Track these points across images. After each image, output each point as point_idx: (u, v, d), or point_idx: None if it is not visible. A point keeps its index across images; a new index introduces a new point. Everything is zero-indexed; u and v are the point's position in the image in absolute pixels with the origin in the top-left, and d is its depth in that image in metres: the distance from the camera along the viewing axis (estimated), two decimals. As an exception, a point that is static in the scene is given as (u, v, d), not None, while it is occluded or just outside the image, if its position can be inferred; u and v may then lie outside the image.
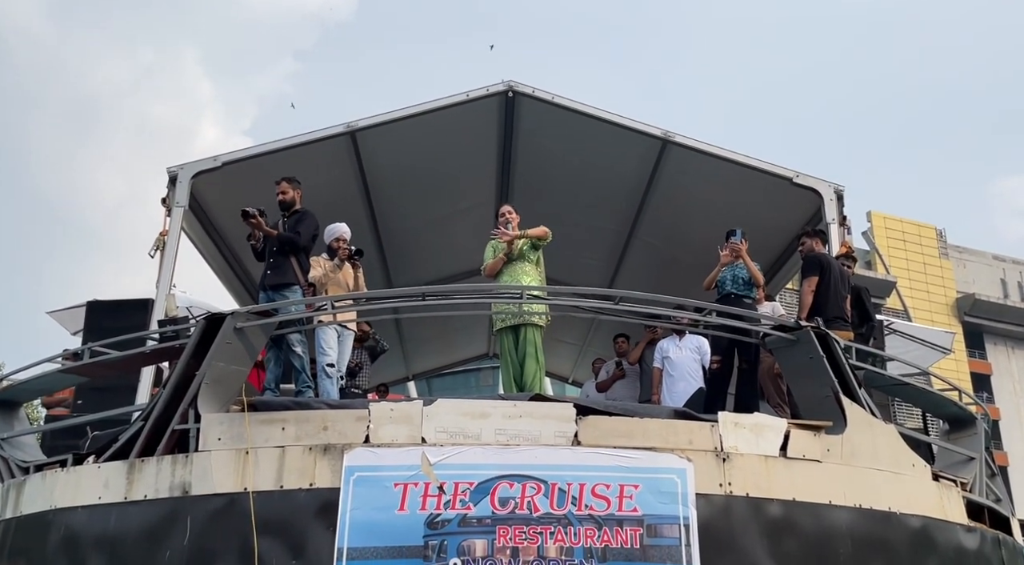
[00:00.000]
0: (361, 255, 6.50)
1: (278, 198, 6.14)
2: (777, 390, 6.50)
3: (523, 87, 7.89)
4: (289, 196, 6.10)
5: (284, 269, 5.96)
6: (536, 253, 6.18)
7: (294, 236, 6.00)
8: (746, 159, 7.66)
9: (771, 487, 4.44)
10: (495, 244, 6.27)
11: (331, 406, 4.78)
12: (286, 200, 6.12)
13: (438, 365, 15.16)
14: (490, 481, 4.34)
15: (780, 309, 6.56)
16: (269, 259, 5.96)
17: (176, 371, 4.78)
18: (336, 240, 6.43)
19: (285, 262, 5.97)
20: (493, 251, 6.27)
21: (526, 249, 6.13)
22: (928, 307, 39.68)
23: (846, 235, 7.21)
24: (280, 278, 5.92)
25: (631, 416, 4.65)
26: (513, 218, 6.23)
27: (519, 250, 6.10)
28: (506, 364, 5.92)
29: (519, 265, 6.10)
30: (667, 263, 9.60)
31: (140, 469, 4.53)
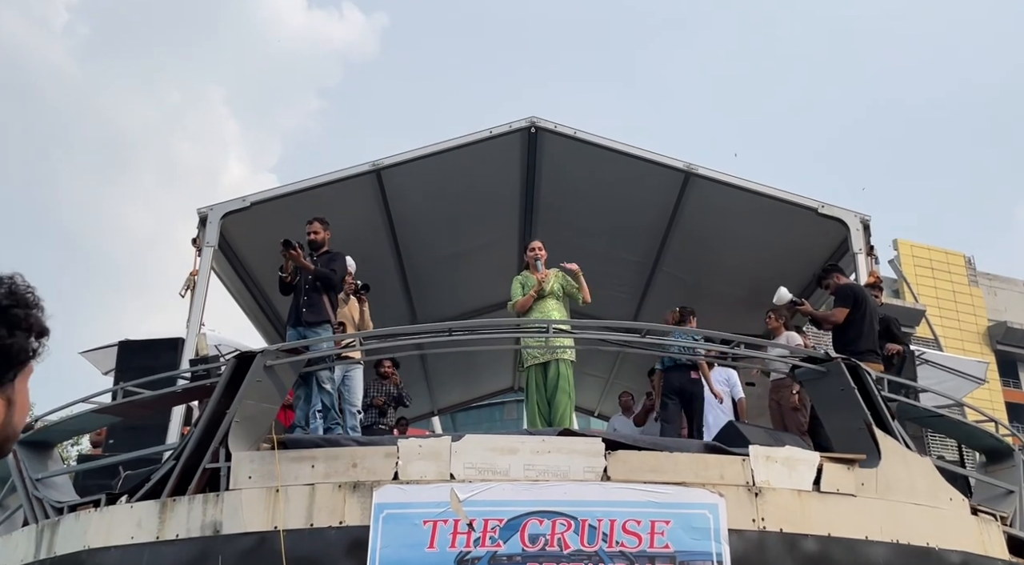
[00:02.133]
0: (367, 290, 6.56)
1: (309, 237, 6.20)
2: (796, 423, 6.39)
3: (545, 123, 7.98)
4: (320, 236, 6.17)
5: (320, 306, 6.01)
6: (562, 291, 6.21)
7: (331, 274, 6.04)
8: (770, 190, 7.65)
9: (805, 522, 4.37)
10: (523, 280, 6.29)
11: (360, 443, 4.79)
12: (317, 240, 6.19)
13: (463, 399, 15.13)
14: (520, 518, 4.31)
15: (797, 338, 6.49)
16: (304, 296, 5.99)
17: (207, 409, 4.83)
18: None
19: (320, 299, 6.02)
20: (521, 288, 6.27)
21: (555, 286, 6.14)
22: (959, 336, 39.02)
23: (873, 265, 7.15)
24: (317, 316, 5.96)
25: (660, 450, 4.61)
26: (543, 254, 6.25)
27: (550, 288, 6.11)
28: (531, 401, 5.91)
29: (548, 302, 6.13)
30: (692, 295, 9.55)
31: (172, 508, 4.56)
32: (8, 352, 1.08)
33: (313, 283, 6.00)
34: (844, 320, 6.00)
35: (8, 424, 1.12)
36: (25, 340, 1.10)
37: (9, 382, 1.10)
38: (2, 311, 1.08)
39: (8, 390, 1.10)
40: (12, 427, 1.13)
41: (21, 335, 1.09)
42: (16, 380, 1.12)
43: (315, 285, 6.00)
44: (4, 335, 1.07)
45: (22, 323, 1.09)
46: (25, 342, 1.10)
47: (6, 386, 1.10)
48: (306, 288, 6.01)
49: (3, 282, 1.12)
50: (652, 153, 7.93)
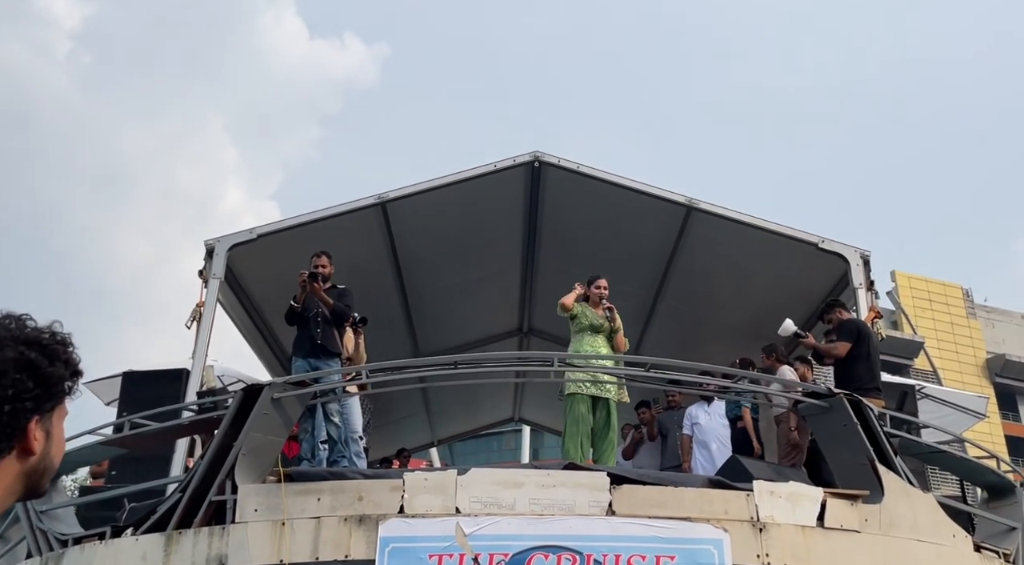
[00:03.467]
0: (365, 323, 6.59)
1: (317, 271, 6.28)
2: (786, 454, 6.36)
3: (549, 157, 8.09)
4: (328, 270, 6.25)
5: (334, 339, 6.11)
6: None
7: (346, 309, 6.16)
8: (771, 225, 7.74)
9: (810, 558, 4.38)
10: (584, 308, 6.29)
11: (366, 476, 4.82)
12: (325, 273, 6.26)
13: (463, 430, 15.10)
14: (525, 552, 4.32)
15: (791, 373, 6.53)
16: (317, 328, 6.05)
17: (214, 442, 4.85)
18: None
19: (333, 332, 6.11)
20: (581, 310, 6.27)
21: (606, 325, 6.23)
22: (958, 368, 38.99)
23: (874, 299, 7.21)
24: (333, 348, 6.07)
25: (666, 485, 4.63)
26: (607, 293, 6.35)
27: (604, 326, 6.19)
28: (575, 433, 5.89)
29: (601, 338, 6.20)
30: (693, 328, 9.62)
31: (177, 541, 4.57)
32: (48, 381, 1.13)
33: (327, 317, 6.07)
34: (847, 355, 6.05)
35: (46, 456, 1.16)
36: (63, 371, 1.16)
37: (47, 413, 1.15)
38: (43, 345, 1.15)
39: (47, 422, 1.15)
40: (50, 460, 1.18)
41: (60, 366, 1.15)
42: (55, 414, 1.17)
43: (328, 319, 6.07)
44: (45, 364, 1.13)
45: (61, 356, 1.16)
46: (64, 373, 1.16)
47: (44, 418, 1.15)
48: (319, 321, 6.06)
49: (45, 327, 1.19)
50: (654, 187, 8.03)
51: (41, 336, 1.16)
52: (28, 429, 1.13)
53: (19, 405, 1.11)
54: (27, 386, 1.12)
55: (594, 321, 6.20)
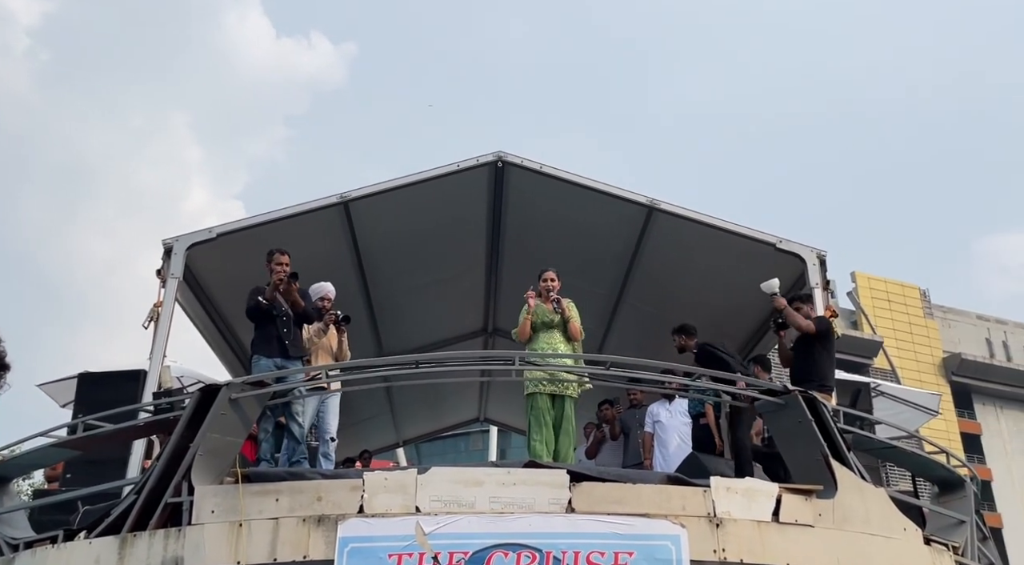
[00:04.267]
0: (348, 321, 6.55)
1: (278, 270, 6.22)
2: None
3: (512, 157, 8.11)
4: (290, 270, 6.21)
5: (300, 340, 6.14)
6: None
7: (314, 311, 6.21)
8: (730, 225, 7.84)
9: (765, 553, 4.46)
10: (540, 310, 6.31)
11: (325, 476, 4.79)
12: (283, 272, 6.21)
13: (429, 430, 15.07)
14: (485, 550, 4.34)
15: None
16: (284, 329, 6.01)
17: (170, 443, 4.79)
18: (321, 299, 6.51)
19: (299, 333, 6.13)
20: (526, 312, 6.32)
21: (557, 319, 6.26)
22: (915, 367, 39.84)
23: (829, 299, 7.35)
24: (298, 350, 6.09)
25: (624, 482, 4.68)
26: (555, 285, 6.34)
27: (556, 321, 6.20)
28: (538, 431, 5.95)
29: (556, 333, 6.22)
30: (656, 327, 9.68)
31: (132, 544, 4.51)
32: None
33: (293, 317, 6.05)
34: (812, 351, 6.17)
35: None
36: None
37: None
38: None
39: None
40: None
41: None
42: None
43: (295, 319, 6.07)
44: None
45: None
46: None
47: None
48: (284, 320, 6.02)
49: None
50: (616, 188, 8.09)
51: None
52: None
53: None
54: None
55: (544, 317, 6.23)
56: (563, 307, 6.27)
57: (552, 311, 6.22)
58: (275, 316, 6.04)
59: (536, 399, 5.98)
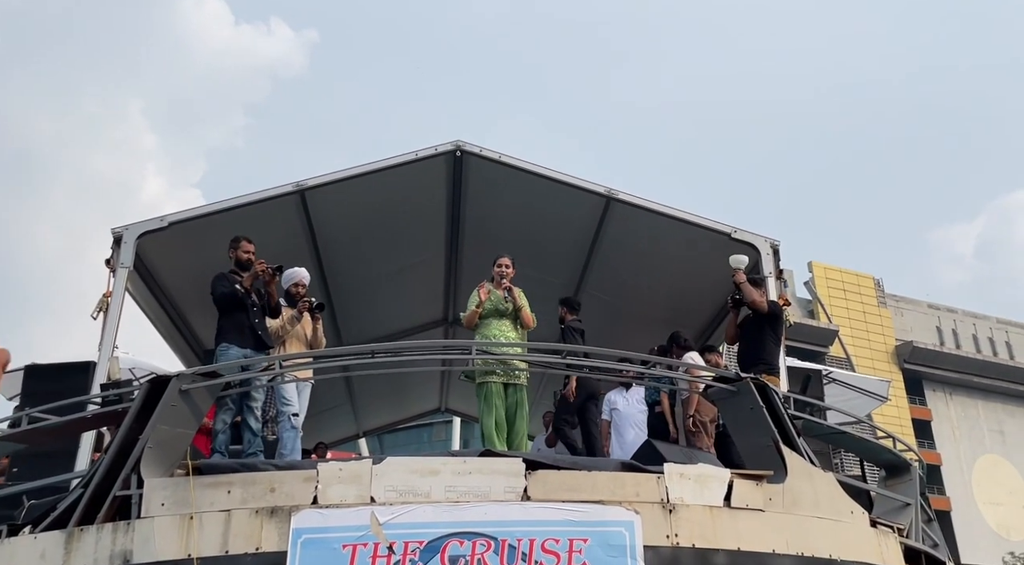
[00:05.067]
0: (323, 309, 6.47)
1: (244, 257, 6.12)
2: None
3: (471, 146, 8.09)
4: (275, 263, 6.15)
5: (267, 331, 6.07)
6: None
7: (279, 305, 6.15)
8: (686, 215, 7.93)
9: (717, 537, 4.53)
10: (491, 290, 6.31)
11: (279, 467, 4.74)
12: (252, 260, 6.13)
13: (390, 421, 15.01)
14: (440, 539, 4.33)
15: (698, 358, 6.74)
16: (256, 318, 5.95)
17: (118, 435, 4.70)
18: (295, 285, 6.42)
19: (266, 324, 6.06)
20: (477, 299, 6.30)
21: (509, 307, 6.27)
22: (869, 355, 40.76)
23: (783, 288, 7.48)
24: (269, 339, 6.03)
25: (579, 470, 4.71)
26: (509, 272, 6.34)
27: (508, 309, 6.20)
28: (491, 417, 5.96)
29: (507, 322, 6.22)
30: (615, 316, 9.77)
31: (79, 538, 4.41)
32: None
33: (264, 308, 6.01)
34: (760, 334, 6.32)
35: None
36: None
37: None
38: None
39: None
40: None
41: None
42: None
43: (264, 310, 6.03)
44: None
45: None
46: None
47: None
48: (254, 310, 5.96)
49: None
50: (574, 178, 8.12)
51: None
52: None
53: None
54: None
55: (497, 304, 6.25)
56: (514, 296, 6.28)
57: (504, 299, 6.23)
58: (248, 305, 5.95)
59: (488, 387, 6.00)
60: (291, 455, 5.82)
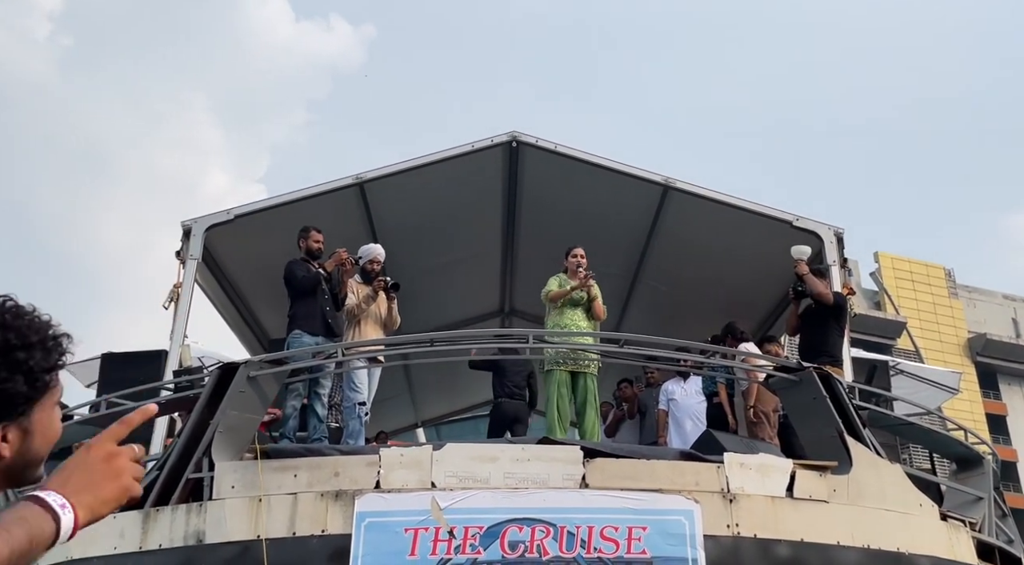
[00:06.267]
0: (398, 289, 6.43)
1: (315, 246, 6.25)
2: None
3: (527, 137, 8.10)
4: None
5: (339, 320, 6.17)
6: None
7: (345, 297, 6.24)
8: (746, 203, 7.80)
9: (779, 528, 4.47)
10: (562, 279, 6.38)
11: (343, 452, 4.86)
12: (322, 250, 6.26)
13: (447, 411, 15.16)
14: (499, 525, 4.39)
15: (753, 348, 6.63)
16: (328, 306, 6.06)
17: (191, 420, 4.88)
18: (371, 262, 6.50)
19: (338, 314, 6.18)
20: (559, 283, 6.39)
21: (583, 296, 6.31)
22: (940, 348, 39.41)
23: (847, 277, 7.31)
24: (339, 329, 6.14)
25: (638, 458, 4.71)
26: (584, 262, 6.41)
27: (582, 298, 6.25)
28: (554, 406, 6.00)
29: (579, 311, 6.27)
30: (672, 306, 9.69)
31: (155, 518, 4.60)
32: (3, 394, 1.11)
33: (334, 297, 6.13)
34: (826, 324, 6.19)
35: (25, 453, 1.15)
36: (22, 385, 1.12)
37: (21, 415, 1.14)
38: (6, 352, 1.11)
39: (23, 422, 1.14)
40: (32, 454, 1.17)
41: (19, 379, 1.12)
42: (34, 411, 1.15)
43: (335, 300, 6.14)
44: (3, 378, 1.11)
45: (23, 365, 1.12)
46: (21, 387, 1.12)
47: (17, 420, 1.13)
48: (327, 298, 6.08)
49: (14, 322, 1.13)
50: (631, 167, 8.07)
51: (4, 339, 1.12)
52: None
53: None
54: None
55: (575, 295, 6.27)
56: (590, 285, 6.31)
57: (579, 288, 6.26)
58: (321, 292, 6.06)
59: (554, 375, 6.03)
60: (356, 442, 5.94)
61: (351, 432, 5.92)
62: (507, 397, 7.24)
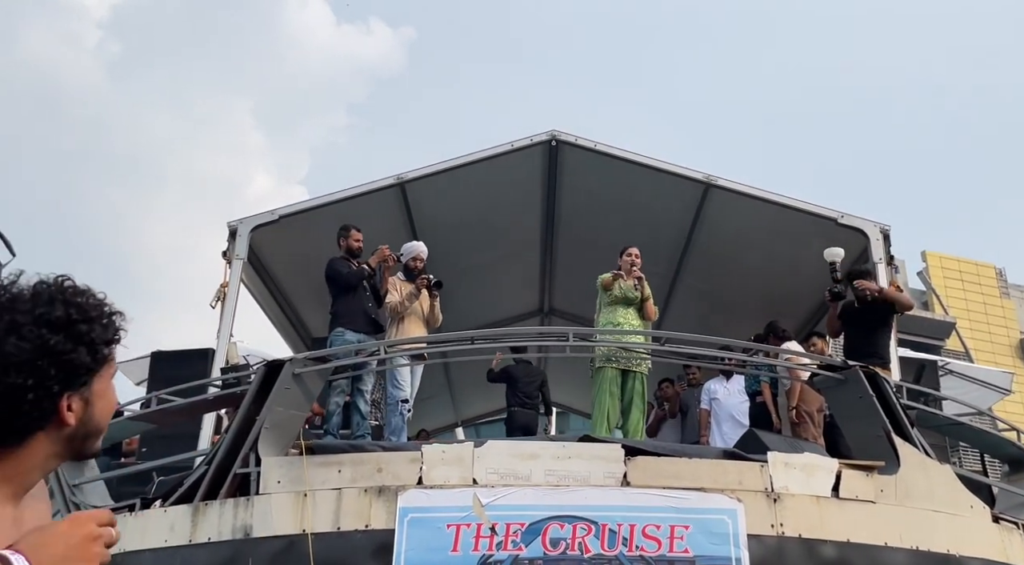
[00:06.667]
0: (440, 287, 6.48)
1: (355, 245, 6.32)
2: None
3: (566, 136, 8.10)
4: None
5: (381, 317, 6.24)
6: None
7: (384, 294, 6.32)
8: (789, 200, 7.70)
9: (824, 528, 4.41)
10: (623, 286, 6.39)
11: (385, 448, 4.92)
12: (362, 248, 6.33)
13: (486, 411, 15.20)
14: (541, 522, 4.40)
15: (796, 347, 6.53)
16: (369, 304, 6.13)
17: (237, 416, 4.98)
18: (413, 259, 6.57)
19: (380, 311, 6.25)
20: (611, 277, 6.41)
21: (637, 295, 6.32)
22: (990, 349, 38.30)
23: (893, 274, 7.17)
24: (383, 324, 6.20)
25: (680, 457, 4.68)
26: (639, 262, 6.41)
27: (636, 298, 6.27)
28: (603, 404, 6.02)
29: (632, 310, 6.29)
30: (713, 305, 9.61)
31: (204, 512, 4.70)
32: (70, 365, 1.18)
33: (377, 294, 6.20)
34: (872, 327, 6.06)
35: (88, 422, 1.22)
36: (86, 355, 1.19)
37: (84, 385, 1.20)
38: (67, 326, 1.18)
39: (84, 392, 1.20)
40: (94, 424, 1.23)
41: (83, 350, 1.19)
42: (94, 382, 1.22)
43: (376, 296, 6.21)
44: (68, 348, 1.17)
45: (85, 337, 1.19)
46: (85, 358, 1.19)
47: (81, 390, 1.20)
48: (369, 295, 6.15)
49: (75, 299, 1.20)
50: (672, 164, 8.02)
51: (68, 315, 1.18)
52: (59, 407, 1.18)
53: (42, 392, 1.15)
54: (49, 373, 1.15)
55: (627, 293, 6.26)
56: (643, 285, 6.30)
57: (633, 288, 6.25)
58: (363, 289, 6.13)
59: (604, 373, 6.03)
60: (398, 439, 6.00)
61: (393, 429, 5.98)
62: (520, 406, 7.73)
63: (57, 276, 1.21)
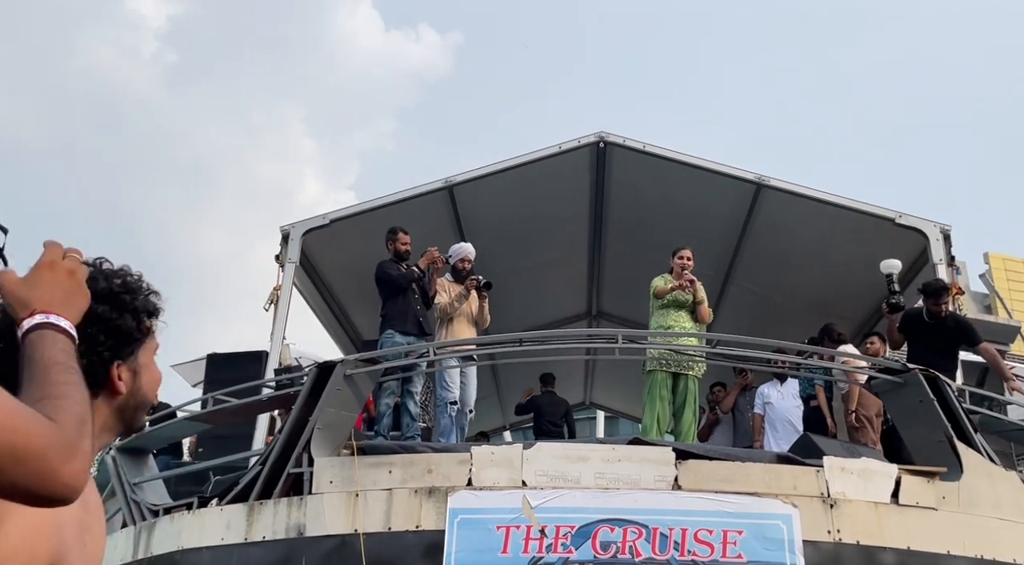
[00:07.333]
0: (490, 288, 6.45)
1: (403, 248, 6.35)
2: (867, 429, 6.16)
3: (614, 137, 8.05)
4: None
5: (429, 319, 6.26)
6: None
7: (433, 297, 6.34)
8: (844, 200, 7.52)
9: (883, 535, 4.30)
10: (667, 279, 6.38)
11: (435, 450, 4.94)
12: (409, 251, 6.37)
13: (535, 415, 15.18)
14: (591, 525, 4.37)
15: (852, 350, 6.34)
16: (418, 306, 6.16)
17: (290, 417, 5.06)
18: (462, 261, 6.58)
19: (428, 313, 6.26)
20: (664, 282, 6.38)
21: (689, 298, 6.27)
22: (1057, 352, 36.86)
23: (955, 275, 6.95)
24: (429, 327, 6.23)
25: (732, 460, 4.61)
26: (690, 264, 6.36)
27: (687, 300, 6.22)
28: (653, 408, 5.97)
29: (684, 313, 6.24)
30: (765, 308, 9.44)
31: (259, 511, 4.79)
32: (119, 331, 1.24)
33: (426, 295, 6.23)
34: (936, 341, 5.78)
35: (137, 392, 1.27)
36: (131, 322, 1.25)
37: (131, 356, 1.26)
38: (112, 297, 1.24)
39: (132, 363, 1.26)
40: (142, 395, 1.28)
41: (128, 317, 1.25)
42: (140, 354, 1.28)
43: (424, 298, 6.23)
44: (115, 316, 1.23)
45: (128, 306, 1.25)
46: (131, 324, 1.25)
47: (129, 360, 1.26)
48: (417, 297, 6.17)
49: (116, 273, 1.28)
50: (722, 165, 7.91)
51: (111, 287, 1.24)
52: (110, 374, 1.23)
53: (94, 358, 1.20)
54: (99, 339, 1.21)
55: (678, 296, 6.19)
56: (696, 288, 6.22)
57: (685, 290, 6.18)
58: (412, 291, 6.15)
59: (655, 376, 5.97)
60: (447, 440, 6.03)
61: (442, 430, 6.01)
62: (546, 434, 8.25)
63: (95, 258, 1.28)
